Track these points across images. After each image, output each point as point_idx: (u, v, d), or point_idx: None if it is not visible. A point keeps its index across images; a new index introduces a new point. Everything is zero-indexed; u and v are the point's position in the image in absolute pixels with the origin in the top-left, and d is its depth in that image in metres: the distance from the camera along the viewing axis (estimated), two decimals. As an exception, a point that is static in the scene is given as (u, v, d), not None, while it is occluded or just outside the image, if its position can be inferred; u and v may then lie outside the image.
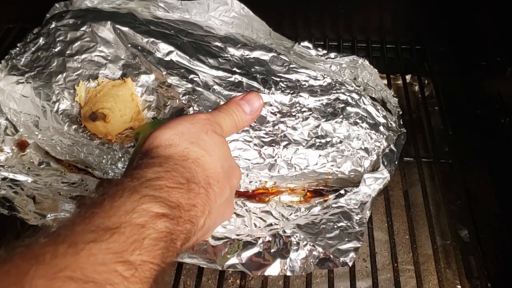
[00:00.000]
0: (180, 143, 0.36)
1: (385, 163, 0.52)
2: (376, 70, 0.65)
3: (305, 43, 0.68)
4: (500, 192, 0.55)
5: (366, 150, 0.53)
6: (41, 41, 0.60)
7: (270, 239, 0.49)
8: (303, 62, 0.61)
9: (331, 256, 0.48)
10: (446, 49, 0.75)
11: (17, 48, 0.62)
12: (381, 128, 0.55)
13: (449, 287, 0.56)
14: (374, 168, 0.53)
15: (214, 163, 0.37)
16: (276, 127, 0.52)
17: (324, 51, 0.67)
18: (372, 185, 0.50)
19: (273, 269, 0.47)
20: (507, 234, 0.52)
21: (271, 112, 0.53)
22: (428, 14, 0.75)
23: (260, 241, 0.49)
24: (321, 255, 0.48)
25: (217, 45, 0.59)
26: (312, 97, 0.55)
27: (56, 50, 0.59)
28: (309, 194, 0.56)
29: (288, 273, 0.47)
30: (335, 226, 0.49)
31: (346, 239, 0.48)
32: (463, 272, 0.52)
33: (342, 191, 0.50)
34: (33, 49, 0.60)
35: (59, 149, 0.56)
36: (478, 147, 0.63)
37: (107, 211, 0.28)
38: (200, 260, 0.48)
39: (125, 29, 0.58)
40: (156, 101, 0.56)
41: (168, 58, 0.56)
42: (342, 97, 0.56)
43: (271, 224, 0.51)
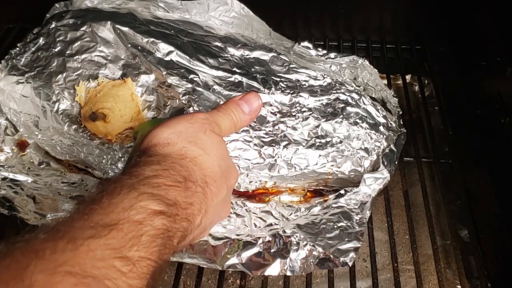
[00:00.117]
0: (178, 142, 0.36)
1: (385, 163, 0.52)
2: (376, 70, 0.65)
3: (305, 43, 0.68)
4: (500, 192, 0.55)
5: (366, 150, 0.53)
6: (41, 41, 0.60)
7: (270, 239, 0.49)
8: (303, 62, 0.61)
9: (331, 256, 0.47)
10: (446, 49, 0.75)
11: (17, 48, 0.62)
12: (381, 128, 0.55)
13: (449, 287, 0.56)
14: (374, 168, 0.53)
15: (212, 162, 0.37)
16: (276, 127, 0.52)
17: (324, 51, 0.67)
18: (372, 185, 0.50)
19: (273, 269, 0.47)
20: (507, 234, 0.52)
21: (271, 112, 0.53)
22: (428, 14, 0.75)
23: (260, 241, 0.49)
24: (321, 255, 0.48)
25: (217, 45, 0.59)
26: (312, 97, 0.55)
27: (56, 50, 0.59)
28: (309, 194, 0.56)
29: (288, 273, 0.47)
30: (335, 226, 0.49)
31: (346, 239, 0.48)
32: (463, 272, 0.52)
33: (342, 191, 0.50)
34: (33, 49, 0.60)
35: (59, 149, 0.56)
36: (478, 147, 0.63)
37: (106, 208, 0.29)
38: (200, 260, 0.48)
39: (125, 29, 0.58)
40: (156, 101, 0.56)
41: (168, 58, 0.56)
42: (342, 97, 0.56)
43: (271, 224, 0.51)
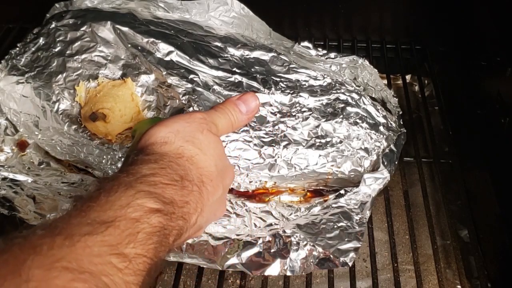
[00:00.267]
0: (176, 141, 0.36)
1: (385, 163, 0.52)
2: (376, 70, 0.65)
3: (305, 43, 0.68)
4: (500, 192, 0.55)
5: (366, 150, 0.53)
6: (41, 41, 0.60)
7: (270, 239, 0.49)
8: (303, 62, 0.61)
9: (331, 256, 0.48)
10: (446, 49, 0.75)
11: (17, 48, 0.62)
12: (381, 128, 0.55)
13: (449, 287, 0.56)
14: (374, 168, 0.53)
15: (208, 162, 0.37)
16: (276, 127, 0.52)
17: (324, 51, 0.67)
18: (372, 185, 0.50)
19: (273, 269, 0.47)
20: (507, 234, 0.52)
21: (271, 112, 0.53)
22: (428, 14, 0.75)
23: (260, 241, 0.49)
24: (321, 255, 0.48)
25: (217, 45, 0.59)
26: (312, 97, 0.55)
27: (56, 50, 0.59)
28: (309, 194, 0.56)
29: (288, 273, 0.47)
30: (335, 226, 0.49)
31: (346, 239, 0.48)
32: (463, 272, 0.52)
33: (342, 191, 0.50)
34: (33, 49, 0.60)
35: (59, 149, 0.56)
36: (478, 147, 0.63)
37: (103, 205, 0.29)
38: (200, 260, 0.48)
39: (125, 29, 0.58)
40: (156, 101, 0.56)
41: (168, 58, 0.56)
42: (342, 97, 0.56)
43: (271, 224, 0.51)
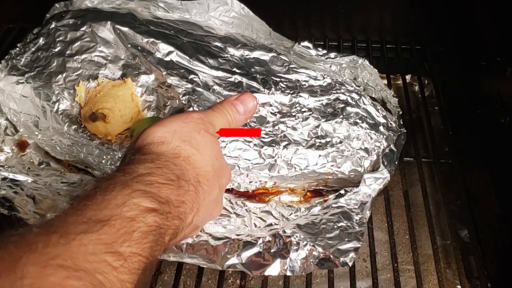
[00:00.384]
0: (173, 141, 0.37)
1: (385, 163, 0.52)
2: (376, 70, 0.65)
3: (305, 43, 0.68)
4: (500, 192, 0.55)
5: (366, 150, 0.53)
6: (41, 41, 0.60)
7: (270, 239, 0.49)
8: (303, 62, 0.61)
9: (331, 256, 0.48)
10: (446, 49, 0.75)
11: (17, 48, 0.62)
12: (381, 128, 0.55)
13: (449, 287, 0.56)
14: (374, 168, 0.53)
15: (205, 162, 0.37)
16: (276, 127, 0.52)
17: (324, 51, 0.67)
18: (372, 185, 0.50)
19: (273, 269, 0.47)
20: (507, 234, 0.52)
21: (271, 113, 0.53)
22: (428, 14, 0.75)
23: (260, 241, 0.49)
24: (321, 255, 0.48)
25: (217, 45, 0.59)
26: (312, 97, 0.55)
27: (56, 50, 0.59)
28: (309, 194, 0.56)
29: (288, 273, 0.47)
30: (335, 226, 0.49)
31: (346, 239, 0.48)
32: (463, 272, 0.52)
33: (342, 191, 0.50)
34: (33, 49, 0.60)
35: (59, 149, 0.56)
36: (478, 147, 0.63)
37: (99, 204, 0.29)
38: (200, 260, 0.48)
39: (125, 29, 0.58)
40: (156, 101, 0.56)
41: (168, 58, 0.56)
42: (342, 97, 0.56)
43: (271, 224, 0.51)
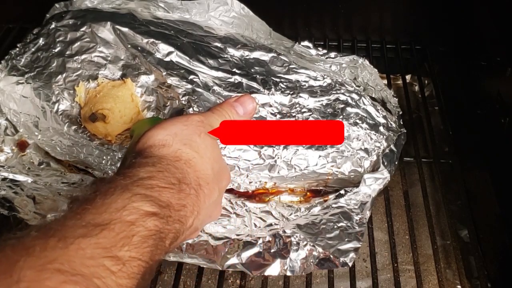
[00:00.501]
0: (173, 144, 0.37)
1: (385, 163, 0.52)
2: (376, 70, 0.65)
3: (305, 43, 0.68)
4: (500, 192, 0.55)
5: (366, 151, 0.53)
6: (41, 42, 0.60)
7: (270, 239, 0.49)
8: (303, 63, 0.61)
9: (331, 256, 0.48)
10: (446, 49, 0.75)
11: (17, 49, 0.62)
12: (381, 129, 0.55)
13: (449, 287, 0.56)
14: (374, 169, 0.53)
15: (205, 165, 0.37)
16: (276, 128, 0.52)
17: (324, 51, 0.67)
18: (372, 185, 0.50)
19: (273, 269, 0.47)
20: (507, 234, 0.52)
21: (271, 113, 0.53)
22: (428, 14, 0.75)
23: (260, 241, 0.49)
24: (321, 255, 0.48)
25: (217, 46, 0.59)
26: (312, 98, 0.55)
27: (56, 51, 0.59)
28: (309, 194, 0.56)
29: (288, 273, 0.47)
30: (335, 226, 0.49)
31: (346, 239, 0.49)
32: (463, 272, 0.52)
33: (342, 191, 0.50)
34: (33, 50, 0.60)
35: (59, 150, 0.56)
36: (478, 147, 0.63)
37: (98, 208, 0.29)
38: (200, 260, 0.48)
39: (125, 30, 0.58)
40: (156, 102, 0.56)
41: (168, 59, 0.56)
42: (342, 98, 0.56)
43: (271, 224, 0.51)
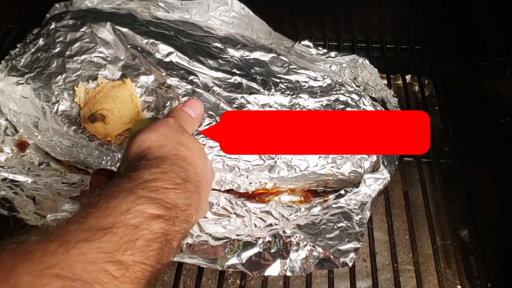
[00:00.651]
0: (168, 144, 0.37)
1: (385, 164, 0.52)
2: (376, 70, 0.65)
3: (306, 42, 0.68)
4: (500, 192, 0.55)
5: (366, 151, 0.53)
6: (41, 42, 0.60)
7: (270, 239, 0.49)
8: (303, 63, 0.61)
9: (331, 257, 0.48)
10: (446, 49, 0.75)
11: (17, 49, 0.62)
12: (381, 129, 0.55)
13: (449, 287, 0.56)
14: (374, 169, 0.53)
15: (198, 161, 0.38)
16: (276, 128, 0.52)
17: (325, 50, 0.67)
18: (372, 186, 0.50)
19: (273, 269, 0.47)
20: (507, 234, 0.52)
21: (271, 113, 0.53)
22: (428, 14, 0.75)
23: (260, 241, 0.49)
24: (321, 256, 0.48)
25: (217, 46, 0.59)
26: (312, 98, 0.55)
27: (56, 51, 0.59)
28: (309, 194, 0.56)
29: (288, 273, 0.47)
30: (335, 227, 0.49)
31: (346, 240, 0.49)
32: (463, 272, 0.52)
33: (342, 192, 0.50)
34: (33, 50, 0.60)
35: (59, 150, 0.56)
36: (478, 147, 0.63)
37: (102, 211, 0.29)
38: (200, 260, 0.48)
39: (125, 30, 0.58)
40: (156, 102, 0.56)
41: (168, 59, 0.56)
42: (342, 98, 0.56)
43: (271, 224, 0.51)
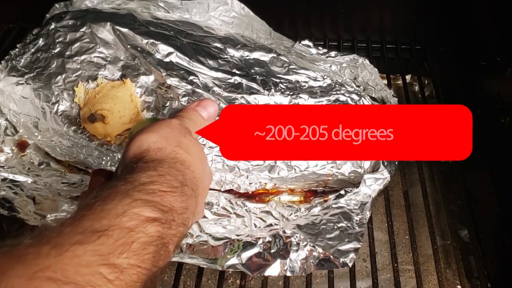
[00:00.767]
0: (167, 146, 0.36)
1: (385, 164, 0.52)
2: (376, 70, 0.65)
3: (306, 42, 0.67)
4: (500, 192, 0.55)
5: (366, 151, 0.53)
6: (41, 42, 0.60)
7: (270, 240, 0.49)
8: (303, 63, 0.61)
9: (331, 257, 0.48)
10: (446, 49, 0.75)
11: (17, 49, 0.62)
12: (381, 129, 0.55)
13: (449, 287, 0.56)
14: (374, 169, 0.53)
15: (196, 164, 0.38)
16: (276, 128, 0.52)
17: (325, 50, 0.67)
18: (372, 186, 0.50)
19: (273, 270, 0.47)
20: (507, 234, 0.52)
21: (271, 113, 0.53)
22: (428, 14, 0.75)
23: (260, 242, 0.49)
24: (321, 256, 0.48)
25: (217, 46, 0.59)
26: (312, 98, 0.55)
27: (56, 51, 0.59)
28: (309, 195, 0.56)
29: (288, 274, 0.47)
30: (335, 227, 0.49)
31: (346, 240, 0.49)
32: (463, 272, 0.52)
33: (342, 192, 0.50)
34: (33, 50, 0.60)
35: (59, 150, 0.56)
36: (478, 147, 0.63)
37: (98, 214, 0.28)
38: (200, 260, 0.48)
39: (125, 30, 0.58)
40: (155, 102, 0.56)
41: (168, 59, 0.56)
42: (342, 98, 0.56)
43: (271, 225, 0.51)
